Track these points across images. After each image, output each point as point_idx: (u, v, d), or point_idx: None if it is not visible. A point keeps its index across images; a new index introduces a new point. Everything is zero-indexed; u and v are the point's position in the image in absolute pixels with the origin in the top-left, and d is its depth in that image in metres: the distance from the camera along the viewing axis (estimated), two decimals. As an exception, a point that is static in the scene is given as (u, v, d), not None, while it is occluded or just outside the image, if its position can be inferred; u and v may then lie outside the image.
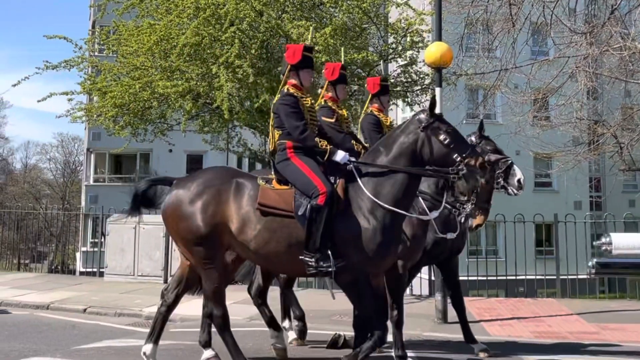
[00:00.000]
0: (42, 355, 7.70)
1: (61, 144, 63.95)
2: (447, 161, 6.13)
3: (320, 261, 5.97)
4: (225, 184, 6.38)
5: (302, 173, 6.24)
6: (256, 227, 6.18)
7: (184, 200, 6.36)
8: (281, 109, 6.46)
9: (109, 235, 14.73)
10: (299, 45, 6.87)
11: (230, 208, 6.27)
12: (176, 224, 6.42)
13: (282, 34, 14.22)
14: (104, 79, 15.66)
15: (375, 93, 8.03)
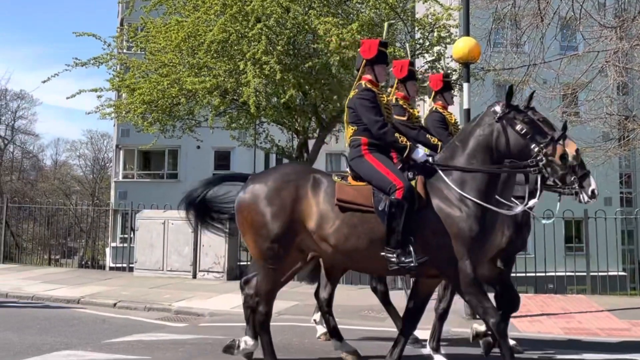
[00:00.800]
0: (73, 349, 7.78)
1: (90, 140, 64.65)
2: (525, 152, 5.95)
3: (402, 257, 5.85)
4: (302, 179, 6.25)
5: (377, 170, 6.13)
6: (335, 223, 6.04)
7: (261, 196, 6.20)
8: (359, 103, 6.30)
9: (138, 231, 14.87)
10: (374, 40, 6.73)
11: (308, 204, 6.15)
12: (251, 218, 6.23)
13: (309, 30, 14.24)
14: (132, 75, 15.79)
15: (438, 90, 7.93)
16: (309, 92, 14.56)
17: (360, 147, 6.30)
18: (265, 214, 6.14)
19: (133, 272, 14.83)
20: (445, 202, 5.99)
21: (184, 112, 15.83)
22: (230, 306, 10.77)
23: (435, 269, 6.01)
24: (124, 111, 16.03)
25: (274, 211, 6.12)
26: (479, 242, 5.95)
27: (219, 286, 12.91)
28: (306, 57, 14.47)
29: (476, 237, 5.90)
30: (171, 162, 35.06)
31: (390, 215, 5.86)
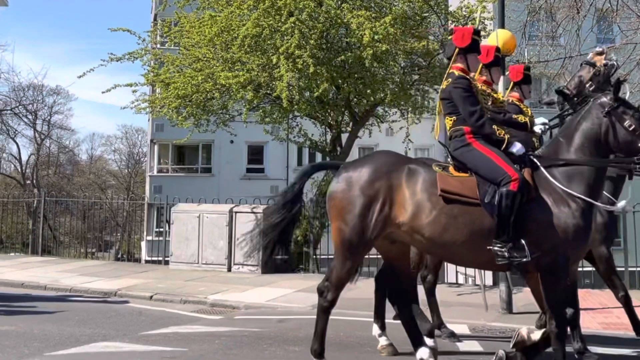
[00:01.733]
0: (110, 340, 7.89)
1: (125, 135, 65.36)
2: (632, 149, 5.79)
3: (513, 251, 5.68)
4: (397, 170, 6.09)
5: (488, 159, 5.93)
6: (431, 214, 5.88)
7: (354, 185, 6.08)
8: (455, 92, 6.14)
9: (174, 224, 15.00)
10: (467, 28, 6.62)
11: (402, 195, 5.99)
12: (341, 207, 6.12)
13: (342, 24, 14.23)
14: (167, 70, 15.93)
15: (517, 81, 7.82)
16: (342, 86, 14.55)
17: (465, 137, 6.11)
18: (357, 204, 6.02)
19: (169, 265, 14.97)
20: (552, 197, 5.82)
21: (218, 107, 15.93)
22: (266, 299, 10.85)
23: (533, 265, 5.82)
24: (159, 106, 16.18)
25: (366, 202, 6.01)
26: (583, 240, 5.83)
27: (254, 279, 12.99)
28: (339, 50, 14.46)
29: (581, 235, 5.78)
30: (205, 156, 35.31)
31: (503, 207, 5.68)
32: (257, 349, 7.30)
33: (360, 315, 9.41)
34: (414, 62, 14.94)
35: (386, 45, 13.33)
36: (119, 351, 7.34)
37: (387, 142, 29.57)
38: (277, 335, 8.06)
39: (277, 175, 33.73)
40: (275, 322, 9.17)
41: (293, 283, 12.34)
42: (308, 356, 6.98)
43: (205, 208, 14.86)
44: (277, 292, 11.43)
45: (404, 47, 13.88)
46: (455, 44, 6.39)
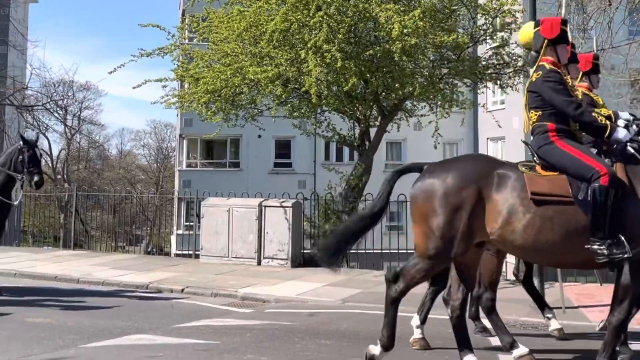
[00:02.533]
0: (143, 333, 7.99)
1: (154, 130, 66.00)
2: None
3: (613, 248, 5.45)
4: (485, 179, 5.84)
5: (573, 156, 5.75)
6: (525, 217, 5.67)
7: (439, 192, 5.86)
8: (545, 86, 5.92)
9: (204, 218, 15.09)
10: (555, 19, 6.39)
11: (492, 205, 5.78)
12: (425, 212, 5.94)
13: (370, 18, 14.19)
14: (196, 65, 15.99)
15: (586, 71, 7.64)
16: (371, 80, 14.52)
17: (548, 134, 5.93)
18: (441, 212, 5.82)
19: (199, 259, 15.07)
20: None
21: (247, 101, 15.97)
22: (296, 293, 10.89)
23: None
24: (188, 101, 16.26)
25: (451, 210, 5.80)
26: None
27: (284, 273, 13.03)
28: (367, 44, 14.43)
29: None
30: (233, 151, 35.48)
31: (596, 204, 5.49)
32: (289, 342, 7.34)
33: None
34: (443, 56, 14.86)
35: (415, 38, 13.28)
36: (152, 344, 7.42)
37: (415, 136, 29.56)
38: (308, 329, 8.09)
39: (305, 170, 33.80)
40: (306, 315, 9.21)
41: (322, 277, 12.32)
42: (339, 349, 7.04)
43: (235, 202, 14.94)
44: (306, 286, 11.46)
45: (433, 41, 13.80)
46: (543, 36, 6.17)
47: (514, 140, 29.41)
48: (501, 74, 15.27)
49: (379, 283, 11.77)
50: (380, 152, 17.00)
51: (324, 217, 14.89)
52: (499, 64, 15.20)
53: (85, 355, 6.81)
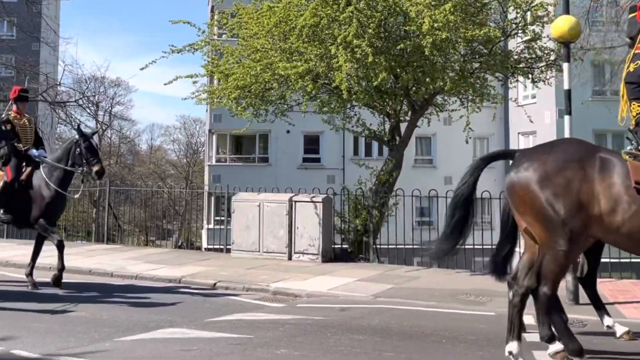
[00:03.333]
0: (177, 327, 8.07)
1: (183, 125, 66.52)
2: None
3: None
4: (588, 159, 5.64)
5: None
6: (630, 208, 5.46)
7: (541, 175, 5.68)
8: None
9: (235, 213, 15.18)
10: None
11: (596, 187, 5.56)
12: (531, 199, 5.74)
13: (400, 12, 14.13)
14: (226, 61, 16.05)
15: None
16: (401, 74, 14.46)
17: None
18: (548, 194, 5.62)
19: (230, 253, 15.16)
20: None
21: (276, 97, 16.00)
22: (327, 288, 10.91)
23: None
24: (218, 96, 16.34)
25: (558, 191, 5.59)
26: None
27: (315, 268, 13.05)
28: (397, 39, 14.36)
29: None
30: (262, 146, 35.60)
31: None
32: (322, 337, 7.37)
33: (423, 305, 9.43)
34: (475, 50, 14.74)
35: (446, 33, 13.18)
36: (186, 337, 7.51)
37: (445, 131, 29.42)
38: (340, 324, 8.12)
39: (334, 165, 33.81)
40: (338, 310, 9.23)
41: (354, 272, 12.37)
42: (372, 345, 7.05)
43: (265, 197, 15.01)
44: (338, 281, 11.47)
45: (464, 35, 13.70)
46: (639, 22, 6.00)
47: (545, 134, 29.14)
48: (533, 68, 15.12)
49: (410, 278, 11.80)
50: (409, 147, 16.92)
51: (354, 213, 14.89)
52: (531, 58, 15.05)
53: (121, 348, 6.90)
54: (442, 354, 6.72)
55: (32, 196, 10.49)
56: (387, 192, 15.05)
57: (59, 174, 10.55)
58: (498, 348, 6.82)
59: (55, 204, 10.63)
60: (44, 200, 10.47)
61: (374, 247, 14.70)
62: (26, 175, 10.55)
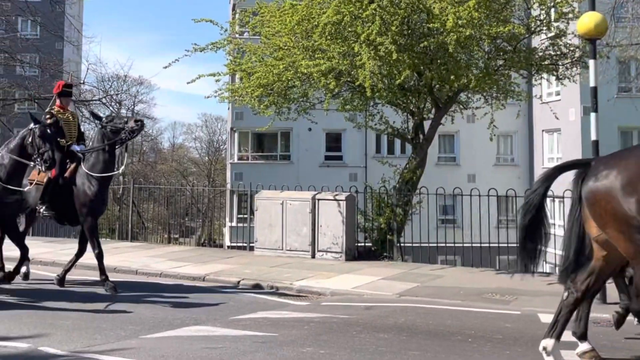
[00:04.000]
0: (202, 324, 8.11)
1: (205, 123, 66.84)
2: None
3: None
4: None
5: None
6: None
7: (624, 182, 5.46)
8: None
9: (258, 211, 15.20)
10: None
11: None
12: (612, 209, 5.50)
13: (424, 10, 14.06)
14: (248, 59, 16.08)
15: None
16: (424, 72, 14.40)
17: None
18: (633, 202, 5.38)
19: (253, 251, 15.19)
20: None
21: (299, 95, 16.00)
22: (351, 286, 10.88)
23: None
24: (241, 95, 16.36)
25: None
26: None
27: (338, 266, 13.03)
28: (421, 36, 14.29)
29: None
30: (283, 143, 35.61)
31: None
32: (347, 335, 7.36)
33: (448, 304, 9.39)
34: (499, 47, 14.63)
35: (470, 30, 13.10)
36: (211, 335, 7.53)
37: (468, 128, 29.29)
38: (365, 322, 8.10)
39: (356, 162, 33.75)
40: (363, 309, 9.21)
41: (378, 271, 12.34)
42: (398, 343, 7.02)
43: (288, 195, 15.01)
44: (362, 280, 11.45)
45: (489, 32, 13.60)
46: None
47: (570, 132, 28.94)
48: (558, 65, 14.98)
49: (435, 277, 11.75)
50: (432, 144, 16.83)
51: (377, 211, 14.85)
52: (556, 55, 14.90)
53: (147, 345, 6.93)
54: (469, 353, 6.67)
55: (76, 192, 10.42)
56: (411, 190, 14.99)
57: (101, 166, 10.44)
58: (525, 347, 6.79)
59: (99, 199, 10.56)
60: (87, 196, 10.39)
61: (397, 245, 14.65)
62: (70, 171, 10.52)
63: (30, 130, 9.59)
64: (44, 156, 9.35)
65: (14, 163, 9.74)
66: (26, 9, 28.09)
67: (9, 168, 9.79)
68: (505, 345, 6.94)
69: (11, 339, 7.10)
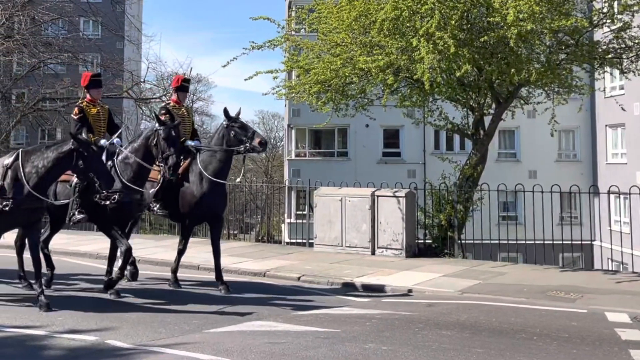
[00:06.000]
0: (264, 320, 8.18)
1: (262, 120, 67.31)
2: None
3: None
4: None
5: None
6: None
7: None
8: None
9: (317, 208, 15.24)
10: None
11: None
12: None
13: (483, 4, 13.87)
14: (306, 56, 16.12)
15: None
16: (484, 67, 14.21)
17: None
18: None
19: (313, 248, 15.24)
20: None
21: (356, 91, 15.97)
22: (412, 283, 10.81)
23: None
24: (298, 92, 16.42)
25: None
26: None
27: (399, 263, 12.97)
28: (481, 31, 14.12)
29: None
30: (341, 140, 35.60)
31: None
32: (409, 332, 7.33)
33: (512, 302, 9.27)
34: (561, 41, 14.34)
35: (531, 24, 12.88)
36: (274, 330, 7.59)
37: (529, 124, 28.84)
38: (427, 319, 8.06)
39: (414, 159, 33.52)
40: (424, 306, 9.16)
41: (439, 267, 12.24)
42: (461, 341, 6.96)
43: (347, 192, 15.01)
44: (423, 276, 11.39)
45: (550, 26, 13.34)
46: None
47: (634, 126, 28.18)
48: (622, 59, 14.61)
49: (497, 274, 11.60)
50: (492, 140, 16.60)
51: (437, 207, 14.72)
52: (620, 48, 14.54)
53: (210, 340, 7.03)
54: (534, 352, 6.58)
55: (183, 190, 10.16)
56: (472, 186, 14.83)
57: (216, 164, 10.13)
58: (592, 346, 6.66)
59: (213, 197, 10.21)
60: (194, 197, 10.10)
61: (458, 242, 14.50)
62: (183, 168, 10.23)
63: (155, 131, 9.28)
64: (169, 161, 9.09)
65: (138, 163, 9.41)
66: (88, 10, 28.85)
67: (134, 167, 9.43)
68: (572, 344, 6.82)
69: (79, 331, 7.29)
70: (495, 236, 13.94)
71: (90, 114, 10.14)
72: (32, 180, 8.38)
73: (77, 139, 8.31)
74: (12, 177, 8.45)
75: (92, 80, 10.41)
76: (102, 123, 10.28)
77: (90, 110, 10.17)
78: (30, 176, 8.39)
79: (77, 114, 10.09)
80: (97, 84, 10.52)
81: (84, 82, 10.49)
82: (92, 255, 14.05)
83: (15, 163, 8.48)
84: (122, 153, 9.57)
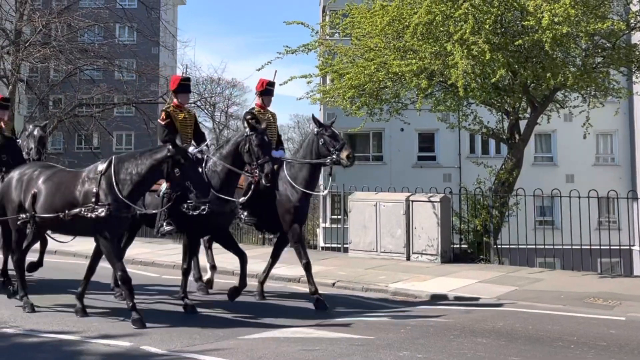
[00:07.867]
0: (298, 326, 8.18)
1: (297, 124, 67.58)
2: None
3: None
4: None
5: None
6: None
7: None
8: None
9: (351, 212, 15.24)
10: None
11: None
12: None
13: (517, 8, 13.78)
14: (340, 61, 16.16)
15: None
16: (519, 71, 14.11)
17: None
18: None
19: (347, 253, 15.23)
20: None
21: (391, 95, 15.97)
22: (448, 289, 10.77)
23: None
24: (333, 96, 16.46)
25: None
26: None
27: (434, 268, 12.92)
28: (515, 35, 14.03)
29: None
30: (375, 144, 35.46)
31: None
32: (444, 340, 7.29)
33: (549, 309, 9.17)
34: (597, 44, 14.18)
35: (567, 27, 12.76)
36: (308, 337, 7.60)
37: (566, 127, 28.42)
38: (463, 326, 8.02)
39: (450, 163, 33.26)
40: (460, 312, 9.10)
41: (475, 273, 12.16)
42: (497, 349, 6.91)
43: (382, 197, 14.98)
44: (459, 282, 11.32)
45: (586, 29, 13.19)
46: None
47: (673, 130, 27.64)
48: (660, 61, 14.39)
49: (534, 280, 11.48)
50: (528, 144, 16.45)
51: (473, 212, 14.61)
52: (658, 51, 14.32)
53: (245, 346, 7.04)
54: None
55: (279, 198, 9.74)
56: (508, 191, 14.70)
57: (305, 174, 9.76)
58: (631, 355, 6.57)
59: (303, 207, 9.88)
60: (291, 202, 9.71)
61: (494, 247, 14.38)
62: None
63: (247, 137, 8.89)
64: (265, 168, 8.70)
65: (228, 171, 9.06)
66: (123, 16, 29.24)
67: (222, 176, 9.10)
68: (610, 353, 6.72)
69: (114, 337, 7.33)
70: (532, 241, 13.78)
71: (178, 119, 9.63)
72: (126, 188, 8.08)
73: (175, 146, 7.92)
74: (107, 183, 8.11)
75: (181, 84, 9.87)
76: (189, 129, 9.78)
77: (177, 116, 9.66)
78: (124, 183, 8.09)
79: (164, 119, 9.57)
80: (186, 89, 10.02)
81: (172, 86, 9.99)
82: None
83: (109, 170, 8.16)
84: (209, 160, 9.22)
